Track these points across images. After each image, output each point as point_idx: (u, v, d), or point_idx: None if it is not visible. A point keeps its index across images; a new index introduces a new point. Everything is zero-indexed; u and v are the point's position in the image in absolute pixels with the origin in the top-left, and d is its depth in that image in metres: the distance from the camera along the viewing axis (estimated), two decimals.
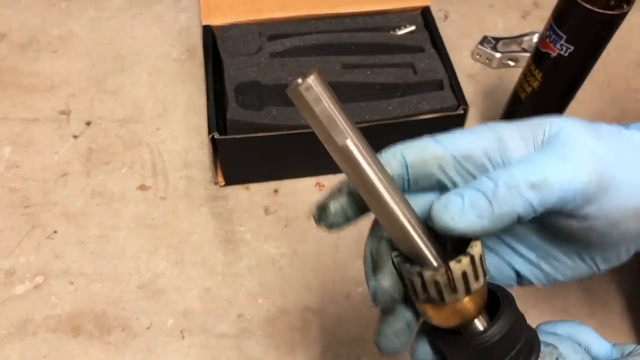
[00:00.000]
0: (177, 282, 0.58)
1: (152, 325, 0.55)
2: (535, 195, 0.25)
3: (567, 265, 0.31)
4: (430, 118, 0.60)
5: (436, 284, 0.26)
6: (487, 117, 0.71)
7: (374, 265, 0.29)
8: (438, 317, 0.28)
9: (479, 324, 0.28)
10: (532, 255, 0.32)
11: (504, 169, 0.27)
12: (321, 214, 0.29)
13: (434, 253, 0.27)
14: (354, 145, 0.24)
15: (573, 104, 0.59)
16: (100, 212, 0.62)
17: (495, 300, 0.29)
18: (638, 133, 0.30)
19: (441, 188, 0.29)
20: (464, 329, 0.28)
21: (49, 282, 0.57)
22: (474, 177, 0.28)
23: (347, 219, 0.29)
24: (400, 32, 0.69)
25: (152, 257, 0.59)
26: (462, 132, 0.29)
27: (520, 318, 0.28)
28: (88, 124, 0.69)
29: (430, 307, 0.27)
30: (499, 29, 0.80)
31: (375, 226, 0.31)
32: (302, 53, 0.65)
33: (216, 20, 0.68)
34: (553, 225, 0.29)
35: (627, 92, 0.75)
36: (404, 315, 0.29)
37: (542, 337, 0.30)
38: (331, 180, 0.64)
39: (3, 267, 0.58)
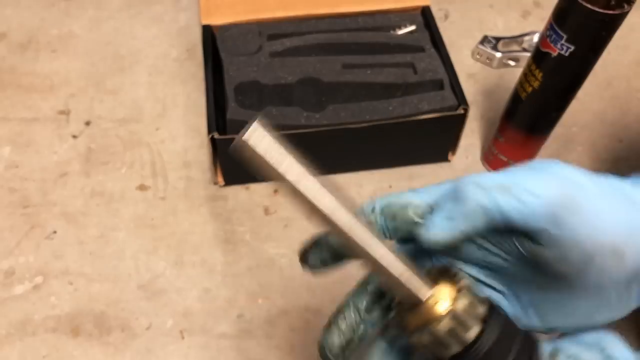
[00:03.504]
0: (177, 282, 0.58)
1: (152, 325, 0.55)
2: (502, 197, 0.25)
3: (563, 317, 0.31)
4: (431, 118, 0.60)
5: (424, 346, 0.26)
6: (488, 117, 0.71)
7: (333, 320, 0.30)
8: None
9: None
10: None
11: (473, 176, 0.27)
12: (303, 260, 0.31)
13: (419, 280, 0.26)
14: (312, 184, 0.24)
15: (573, 104, 0.58)
16: (100, 212, 0.62)
17: None
18: (631, 181, 0.29)
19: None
20: None
21: (48, 282, 0.57)
22: None
23: (327, 265, 0.30)
24: (400, 32, 0.69)
25: (151, 258, 0.59)
26: (438, 185, 0.29)
27: (507, 324, 0.27)
28: (87, 124, 0.69)
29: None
30: (499, 29, 0.80)
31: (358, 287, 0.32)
32: (302, 53, 0.65)
33: (216, 20, 0.68)
34: (534, 262, 0.28)
35: (627, 91, 0.75)
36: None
37: (567, 345, 0.29)
38: None
39: (2, 267, 0.58)
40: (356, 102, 0.61)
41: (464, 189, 0.26)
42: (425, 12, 0.71)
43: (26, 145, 0.67)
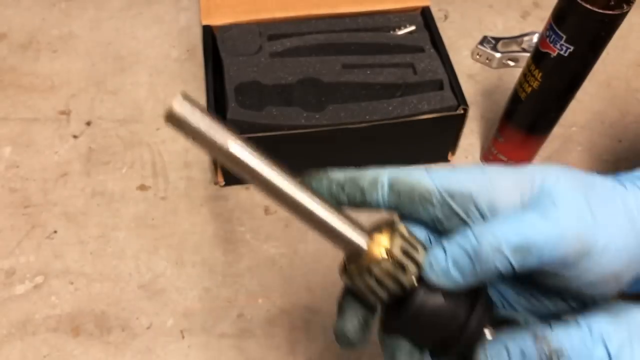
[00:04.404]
0: (177, 282, 0.58)
1: (152, 325, 0.55)
2: (516, 259, 0.26)
3: (546, 305, 0.31)
4: (430, 118, 0.60)
5: (387, 273, 0.27)
6: (487, 117, 0.71)
7: (340, 308, 0.30)
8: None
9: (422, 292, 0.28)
10: (509, 293, 0.32)
11: (489, 224, 0.27)
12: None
13: (357, 229, 0.28)
14: (239, 146, 0.25)
15: (573, 104, 0.59)
16: (100, 212, 0.62)
17: None
18: (632, 192, 0.29)
19: (422, 221, 0.29)
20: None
21: (49, 282, 0.57)
22: (457, 218, 0.28)
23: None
24: (400, 32, 0.69)
25: (152, 257, 0.59)
26: (455, 170, 0.29)
27: None
28: (88, 124, 0.69)
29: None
30: (499, 29, 0.80)
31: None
32: (302, 53, 0.65)
33: (216, 20, 0.68)
34: (531, 278, 0.29)
35: (627, 92, 0.75)
36: (360, 312, 0.30)
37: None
38: None
39: (3, 267, 0.58)
40: (356, 102, 0.61)
41: (481, 254, 0.26)
42: (425, 12, 0.71)
43: (27, 145, 0.67)
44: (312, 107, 0.61)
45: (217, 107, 0.61)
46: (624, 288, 0.29)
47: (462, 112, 0.61)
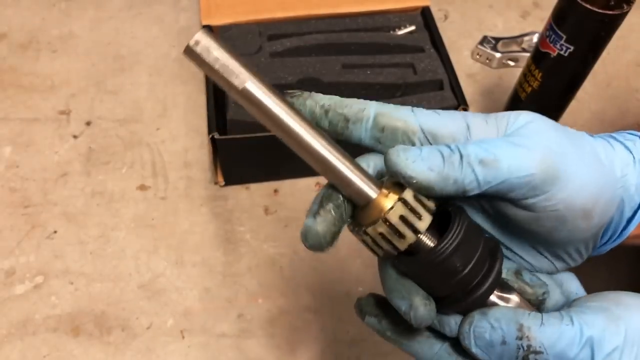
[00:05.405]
0: (177, 282, 0.58)
1: (152, 325, 0.55)
2: (482, 171, 0.26)
3: (526, 259, 0.32)
4: None
5: (382, 235, 0.27)
6: None
7: (317, 208, 0.29)
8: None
9: (429, 241, 0.28)
10: None
11: (462, 144, 0.28)
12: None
13: (368, 183, 0.27)
14: (254, 85, 0.25)
15: (573, 104, 0.59)
16: (100, 212, 0.62)
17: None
18: (600, 142, 0.31)
19: None
20: (418, 250, 0.28)
21: (49, 282, 0.57)
22: None
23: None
24: (400, 32, 0.69)
25: (152, 257, 0.59)
26: (438, 112, 0.29)
27: (473, 228, 0.28)
28: (88, 124, 0.69)
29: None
30: (499, 29, 0.80)
31: None
32: (302, 53, 0.65)
33: (216, 20, 0.68)
34: (505, 215, 0.29)
35: (627, 91, 0.75)
36: (336, 219, 0.29)
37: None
38: None
39: (3, 267, 0.58)
40: None
41: (452, 159, 0.27)
42: (425, 12, 0.71)
43: (27, 145, 0.67)
44: None
45: (217, 106, 0.61)
46: (595, 233, 0.30)
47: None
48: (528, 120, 0.29)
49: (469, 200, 0.30)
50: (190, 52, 0.24)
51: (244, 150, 0.60)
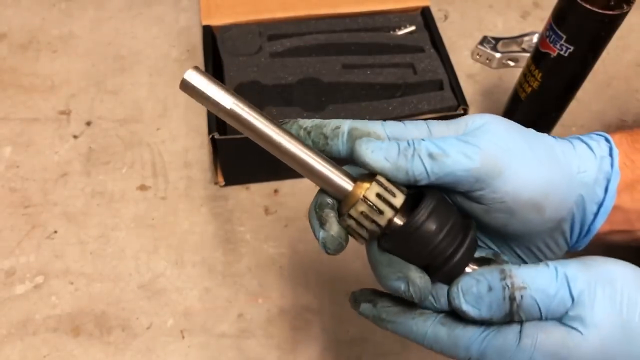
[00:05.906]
0: (177, 282, 0.58)
1: (152, 325, 0.55)
2: (430, 163, 0.30)
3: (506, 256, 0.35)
4: (430, 118, 0.60)
5: (363, 214, 0.30)
6: None
7: (319, 220, 0.32)
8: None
9: (406, 217, 0.31)
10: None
11: (417, 141, 0.31)
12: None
13: (344, 177, 0.31)
14: (238, 107, 0.30)
15: (573, 104, 0.59)
16: (100, 212, 0.62)
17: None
18: (561, 142, 0.34)
19: None
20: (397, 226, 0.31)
21: (49, 282, 0.57)
22: None
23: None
24: (400, 32, 0.69)
25: (152, 257, 0.59)
26: (404, 123, 0.33)
27: (444, 201, 0.31)
28: (88, 124, 0.69)
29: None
30: (499, 29, 0.80)
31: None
32: (302, 53, 0.65)
33: (216, 20, 0.68)
34: (464, 210, 0.32)
35: (627, 92, 0.75)
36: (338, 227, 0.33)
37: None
38: None
39: (3, 267, 0.58)
40: (356, 102, 0.62)
41: (407, 152, 0.30)
42: (425, 12, 0.71)
43: (27, 145, 0.67)
44: (312, 107, 0.61)
45: None
46: (553, 227, 0.32)
47: (462, 112, 0.61)
48: (484, 121, 0.32)
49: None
50: (185, 86, 0.30)
51: (244, 150, 0.60)
